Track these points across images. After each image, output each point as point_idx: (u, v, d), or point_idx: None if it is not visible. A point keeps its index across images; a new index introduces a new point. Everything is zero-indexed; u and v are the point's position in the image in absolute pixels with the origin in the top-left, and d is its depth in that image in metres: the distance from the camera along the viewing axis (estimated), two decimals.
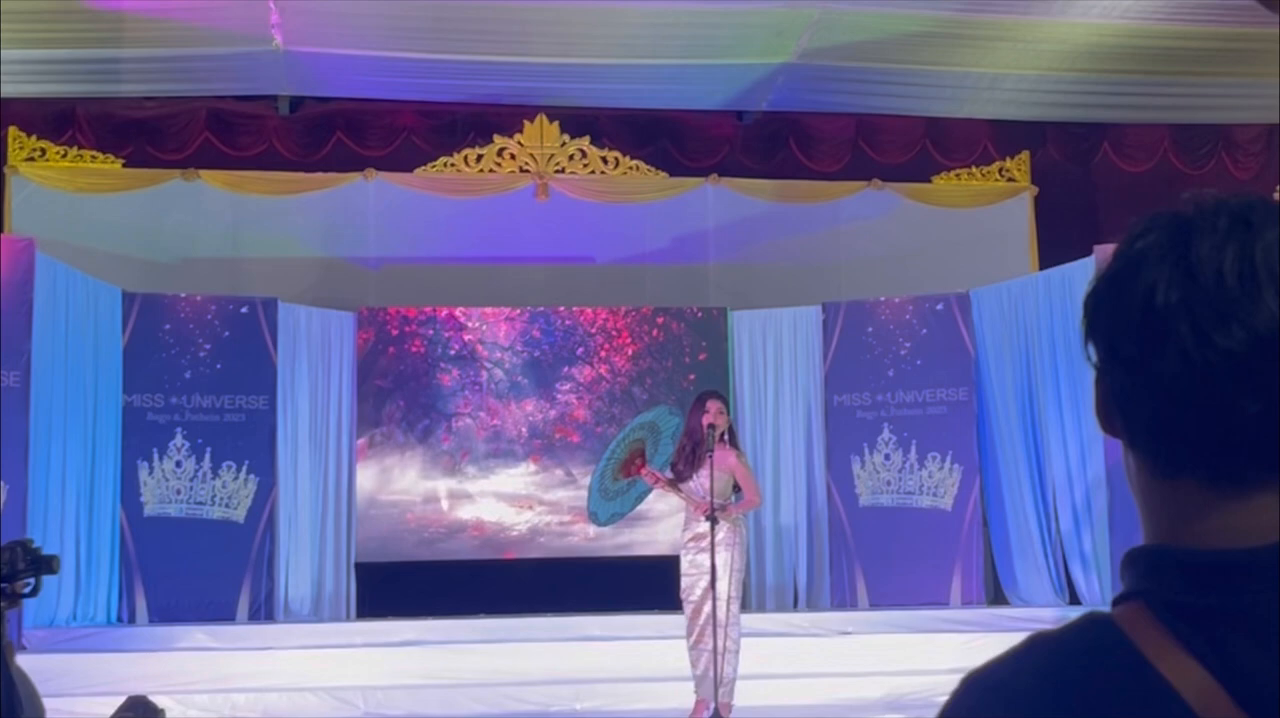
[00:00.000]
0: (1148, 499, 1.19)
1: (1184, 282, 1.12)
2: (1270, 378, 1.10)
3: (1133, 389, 1.16)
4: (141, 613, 11.10)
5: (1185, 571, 1.13)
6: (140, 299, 11.48)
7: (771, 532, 12.34)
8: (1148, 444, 1.17)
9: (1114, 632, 1.14)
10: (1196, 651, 1.10)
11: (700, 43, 12.04)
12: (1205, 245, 1.13)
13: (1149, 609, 1.14)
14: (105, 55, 11.78)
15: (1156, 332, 1.13)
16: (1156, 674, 1.10)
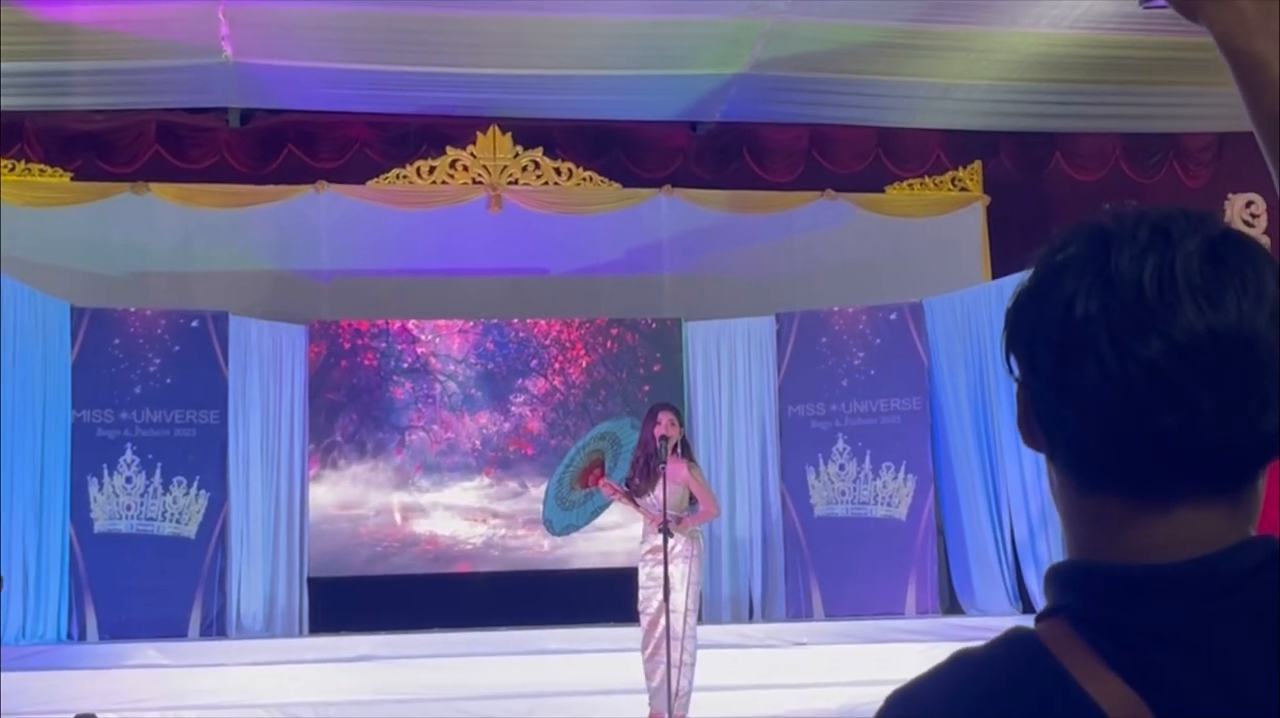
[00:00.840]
0: (1070, 514, 1.18)
1: (1103, 292, 1.11)
2: (1189, 390, 1.08)
3: (1053, 402, 1.14)
4: (92, 630, 10.99)
5: (1107, 586, 1.12)
6: (89, 314, 11.39)
7: (726, 543, 12.32)
8: (1068, 458, 1.16)
9: (1037, 648, 1.13)
10: (1119, 666, 1.09)
11: (653, 53, 12.04)
12: (1124, 257, 1.12)
13: (1072, 625, 1.13)
14: (54, 68, 11.68)
15: (1076, 343, 1.11)
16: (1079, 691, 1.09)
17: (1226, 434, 1.09)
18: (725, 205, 13.45)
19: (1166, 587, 1.10)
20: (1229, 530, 1.12)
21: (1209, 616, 1.09)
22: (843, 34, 11.72)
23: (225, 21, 11.08)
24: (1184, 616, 1.09)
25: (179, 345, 11.55)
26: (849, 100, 12.99)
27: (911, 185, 13.68)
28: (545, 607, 11.52)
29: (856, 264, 13.26)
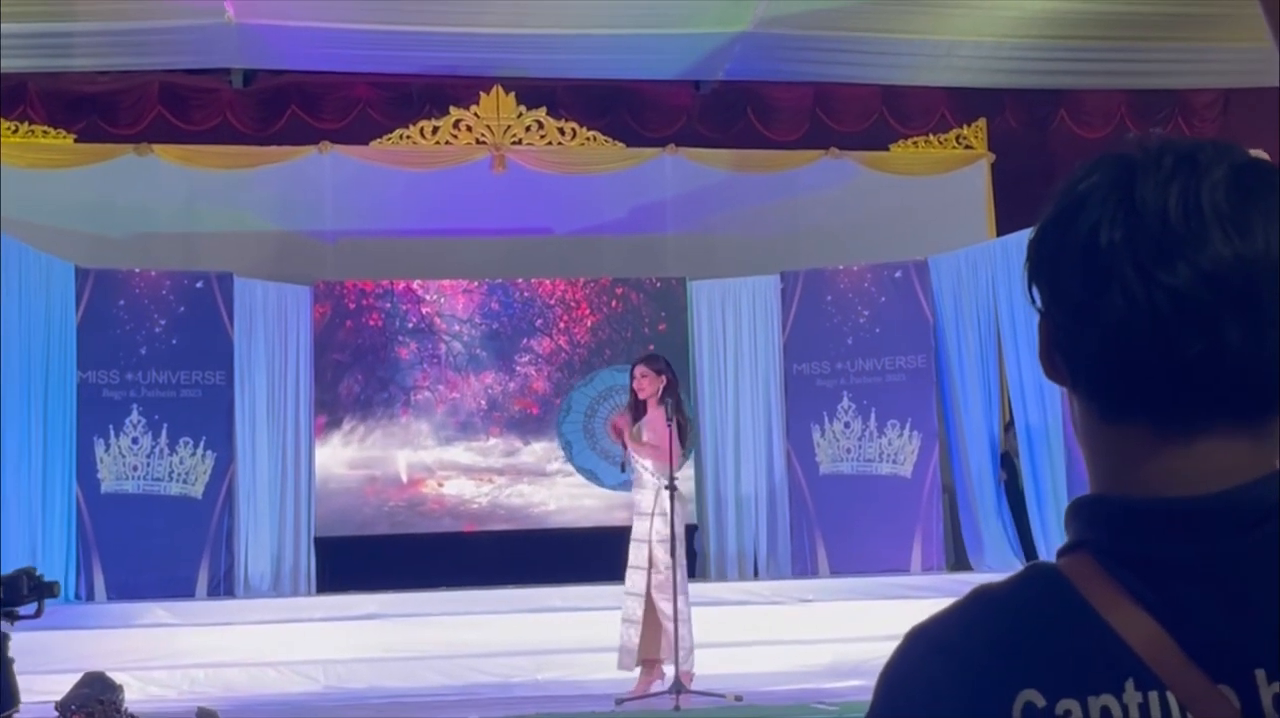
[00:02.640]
0: (1092, 445, 1.17)
1: (1128, 220, 1.11)
2: (1215, 317, 1.08)
3: (1076, 331, 1.14)
4: (100, 590, 11.03)
5: (1131, 519, 1.12)
6: (94, 275, 11.38)
7: (732, 500, 12.35)
8: (1091, 387, 1.15)
9: (1060, 581, 1.13)
10: (1143, 599, 1.09)
11: (657, 12, 11.97)
12: (1149, 184, 1.11)
13: (1095, 559, 1.12)
14: (57, 29, 11.63)
15: (1100, 271, 1.11)
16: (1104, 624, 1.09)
17: (1253, 362, 1.09)
18: (729, 164, 13.42)
19: (1191, 520, 1.09)
20: (1254, 464, 1.11)
21: (1234, 549, 1.08)
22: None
23: None
24: (1208, 549, 1.08)
25: (184, 306, 11.54)
26: (853, 59, 12.92)
27: (916, 143, 13.66)
28: (550, 565, 11.53)
29: (861, 222, 13.24)
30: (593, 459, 11.52)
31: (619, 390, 11.26)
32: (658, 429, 8.14)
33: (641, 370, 8.25)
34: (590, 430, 11.56)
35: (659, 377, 8.21)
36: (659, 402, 8.17)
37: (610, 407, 11.43)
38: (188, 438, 11.38)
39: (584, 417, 11.56)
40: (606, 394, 11.42)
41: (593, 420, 11.58)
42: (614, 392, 11.45)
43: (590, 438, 11.63)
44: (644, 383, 8.17)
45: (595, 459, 11.54)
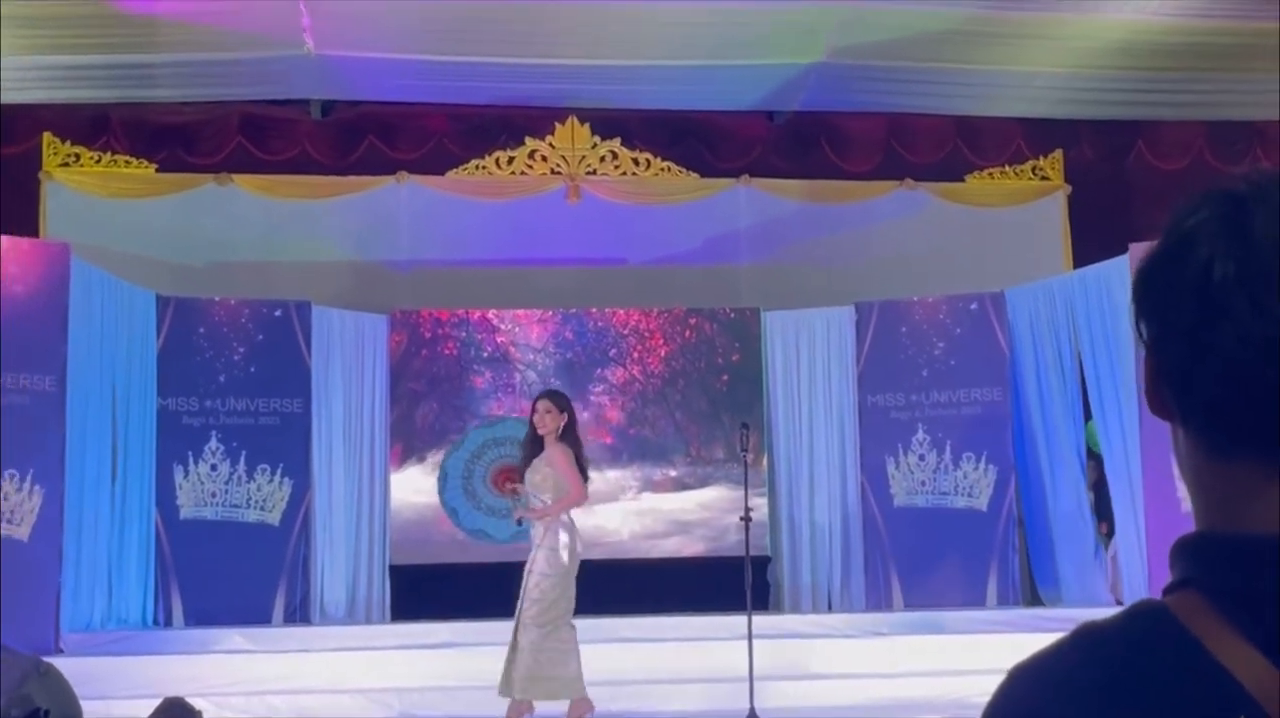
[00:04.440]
0: (1200, 482, 1.17)
1: (1241, 255, 1.10)
2: None
3: (1187, 367, 1.13)
4: (178, 616, 11.14)
5: (1241, 556, 1.11)
6: (174, 303, 11.53)
7: (807, 532, 12.33)
8: (1201, 423, 1.15)
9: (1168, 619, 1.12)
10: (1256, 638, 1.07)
11: (731, 43, 12.02)
12: (1261, 218, 1.10)
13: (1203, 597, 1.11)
14: (139, 60, 11.83)
15: (1213, 307, 1.10)
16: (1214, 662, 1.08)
17: None
18: (803, 195, 13.41)
19: None
20: None
21: None
22: (921, 21, 11.66)
23: (307, 13, 11.17)
24: None
25: (263, 335, 11.67)
26: (928, 89, 12.91)
27: (991, 174, 13.60)
28: (624, 595, 11.52)
29: (936, 254, 13.19)
30: (480, 519, 11.51)
31: (490, 445, 11.27)
32: (558, 466, 7.93)
33: (545, 406, 7.99)
34: (471, 491, 11.55)
35: (561, 414, 7.99)
36: (558, 438, 7.97)
37: (485, 464, 11.36)
38: (265, 465, 11.49)
39: (462, 479, 11.56)
40: (479, 453, 11.40)
41: (471, 481, 11.57)
42: (486, 448, 11.44)
43: (473, 499, 11.60)
44: (546, 419, 7.93)
45: (482, 519, 11.53)
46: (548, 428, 7.82)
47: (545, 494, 7.73)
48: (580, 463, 7.91)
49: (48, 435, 9.82)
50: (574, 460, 7.84)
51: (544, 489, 7.77)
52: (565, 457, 7.81)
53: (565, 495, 7.73)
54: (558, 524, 7.81)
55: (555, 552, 7.78)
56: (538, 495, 7.71)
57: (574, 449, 7.87)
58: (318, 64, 11.99)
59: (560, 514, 7.79)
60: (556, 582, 7.75)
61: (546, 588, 7.73)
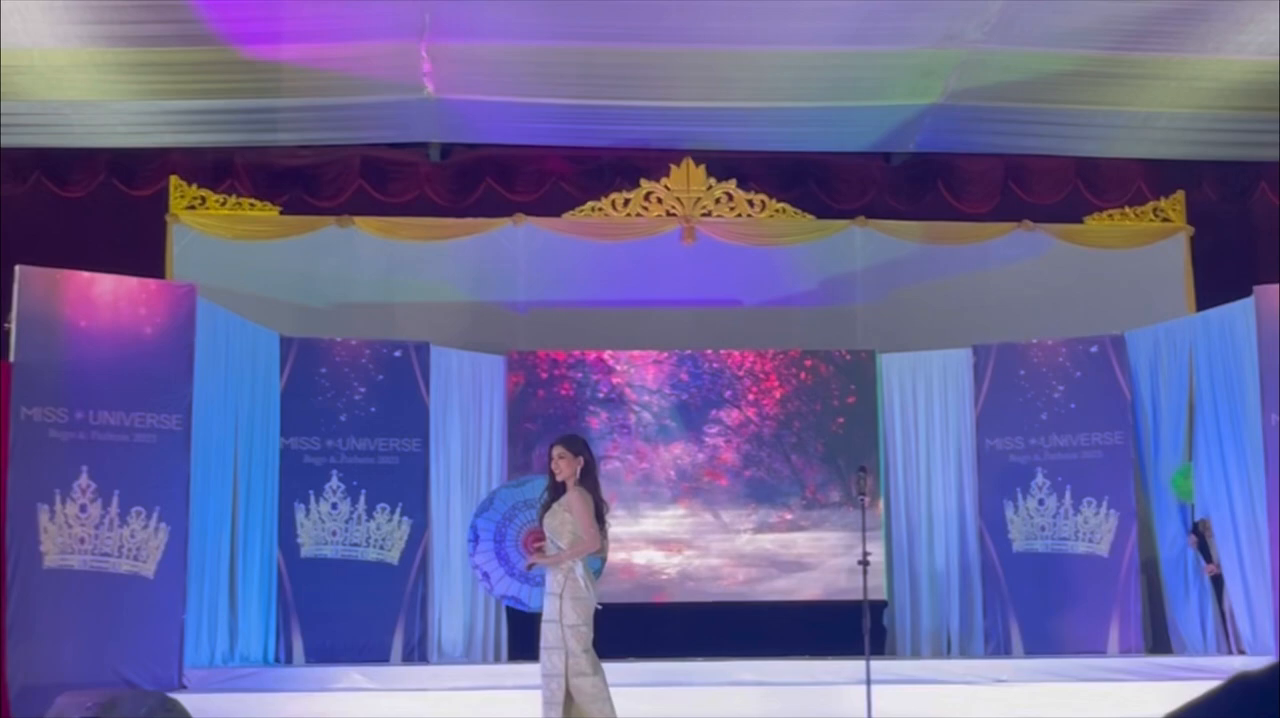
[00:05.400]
0: None
1: None
2: None
3: None
4: (298, 653, 11.26)
5: None
6: (297, 343, 11.69)
7: (926, 577, 12.23)
8: None
9: None
10: None
11: (847, 85, 12.03)
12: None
13: None
14: (263, 105, 12.06)
15: None
16: None
17: None
18: (920, 236, 13.35)
19: None
20: None
21: None
22: (1040, 63, 11.60)
23: (427, 58, 11.33)
24: None
25: (383, 375, 11.80)
26: (1046, 130, 12.85)
27: (1111, 216, 13.45)
28: (740, 638, 11.51)
29: (1055, 296, 13.07)
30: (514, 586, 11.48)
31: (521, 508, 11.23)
32: (575, 512, 7.79)
33: (559, 452, 7.83)
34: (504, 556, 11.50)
35: (576, 458, 7.86)
36: (576, 483, 7.85)
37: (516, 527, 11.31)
38: (385, 504, 11.60)
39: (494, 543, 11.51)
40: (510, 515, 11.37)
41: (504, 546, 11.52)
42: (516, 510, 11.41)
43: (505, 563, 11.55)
44: (561, 464, 7.81)
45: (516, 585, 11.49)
46: (564, 473, 7.71)
47: (562, 540, 7.64)
48: (599, 509, 7.80)
49: (173, 474, 9.97)
50: (592, 507, 7.73)
51: (561, 535, 7.68)
52: (583, 503, 7.69)
53: (579, 543, 7.66)
54: (575, 574, 7.69)
55: (580, 601, 7.65)
56: (555, 541, 7.64)
57: (593, 494, 7.77)
58: (437, 108, 12.16)
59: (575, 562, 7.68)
60: (585, 631, 7.66)
61: (584, 635, 7.63)
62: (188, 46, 10.94)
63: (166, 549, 9.85)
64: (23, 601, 9.27)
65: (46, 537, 9.42)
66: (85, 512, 9.58)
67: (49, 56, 10.91)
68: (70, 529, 9.51)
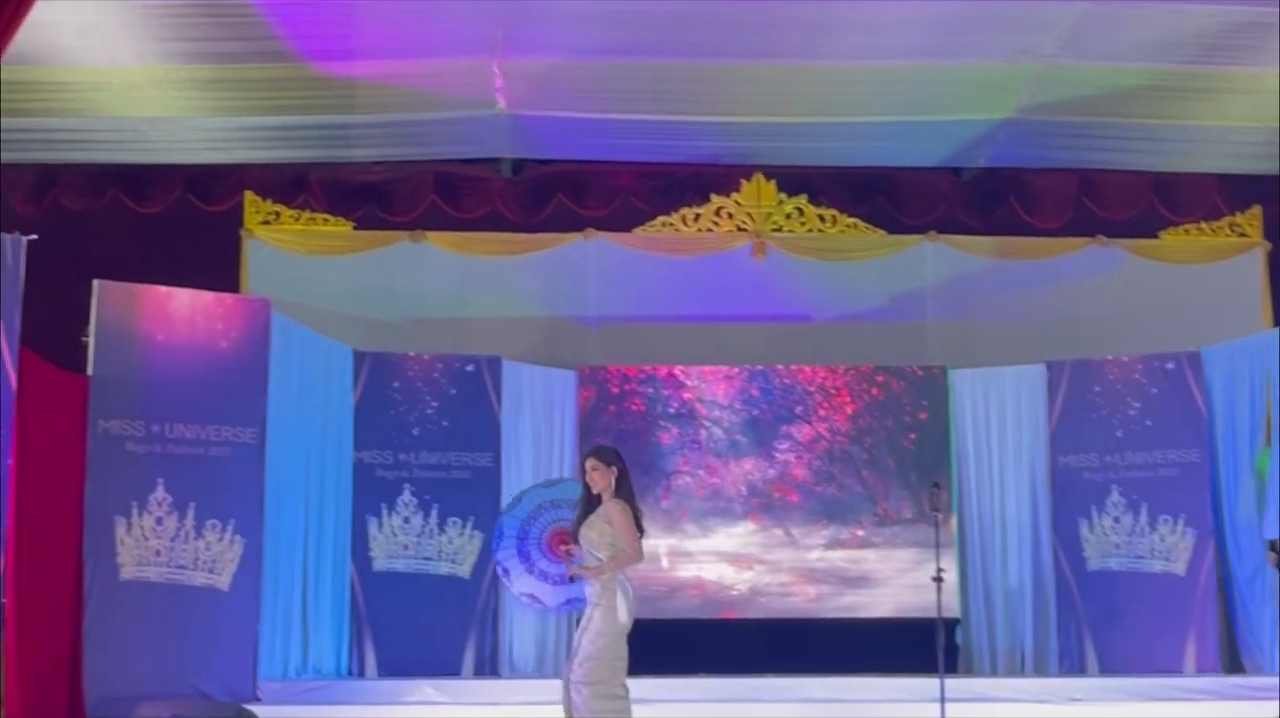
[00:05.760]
0: None
1: None
2: None
3: None
4: (370, 666, 11.31)
5: None
6: (370, 358, 11.78)
7: (1000, 594, 12.15)
8: None
9: None
10: None
11: (919, 99, 11.96)
12: None
13: None
14: (337, 121, 12.13)
15: None
16: None
17: None
18: (992, 252, 13.27)
19: None
20: None
21: None
22: (1114, 77, 11.51)
23: (500, 74, 11.37)
24: None
25: (455, 389, 11.86)
26: (1120, 144, 12.73)
27: (1187, 231, 13.32)
28: (811, 655, 11.48)
29: (1130, 312, 12.95)
30: (531, 583, 11.46)
31: (548, 507, 11.21)
32: (616, 524, 7.70)
33: (592, 463, 7.73)
34: (525, 553, 11.48)
35: (610, 468, 7.77)
36: (613, 495, 7.77)
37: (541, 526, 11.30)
38: (456, 518, 11.64)
39: (517, 540, 11.50)
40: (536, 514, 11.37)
41: (526, 543, 11.50)
42: (543, 509, 11.40)
43: (526, 561, 11.53)
44: (595, 477, 7.73)
45: (534, 582, 11.47)
46: (600, 485, 7.64)
47: (601, 552, 7.56)
48: (637, 520, 7.74)
49: (248, 487, 10.07)
50: (632, 518, 7.68)
51: (600, 547, 7.61)
52: (623, 515, 7.62)
53: (622, 554, 7.60)
54: (615, 583, 7.62)
55: (613, 610, 7.56)
56: (594, 553, 7.56)
57: (630, 505, 7.71)
58: (509, 123, 12.20)
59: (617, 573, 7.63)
60: (611, 641, 7.52)
61: (601, 647, 7.50)
62: (264, 63, 11.02)
63: (241, 562, 9.94)
64: (100, 612, 9.38)
65: (123, 549, 9.53)
66: (161, 524, 9.69)
67: (127, 74, 11.02)
68: (146, 542, 9.62)
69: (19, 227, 9.29)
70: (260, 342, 10.28)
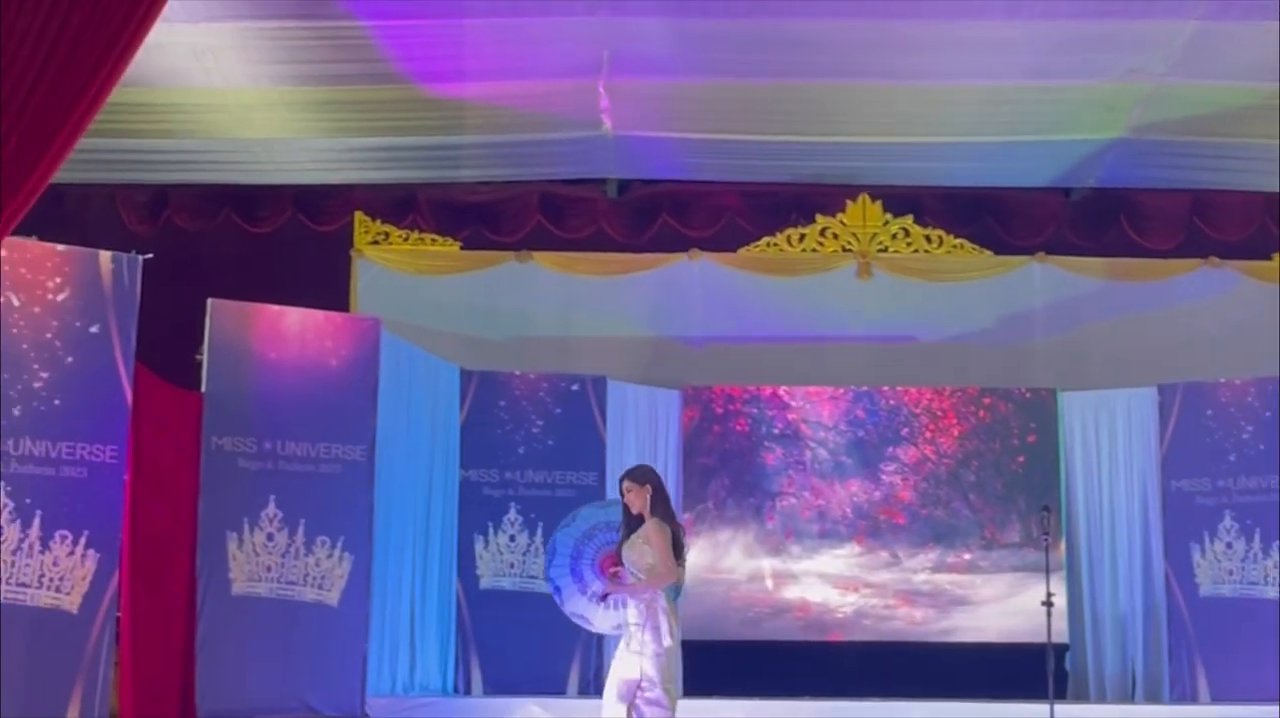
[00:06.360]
0: None
1: None
2: None
3: None
4: (476, 684, 11.37)
5: None
6: (477, 377, 11.86)
7: (1109, 620, 11.99)
8: None
9: None
10: None
11: (1026, 119, 11.89)
12: None
13: None
14: (445, 142, 12.25)
15: None
16: None
17: None
18: (1101, 273, 13.13)
19: None
20: None
21: None
22: (1227, 96, 11.36)
23: (605, 95, 11.42)
24: None
25: (560, 408, 11.91)
26: (1232, 164, 12.57)
27: None
28: (917, 679, 11.38)
29: (1243, 334, 12.73)
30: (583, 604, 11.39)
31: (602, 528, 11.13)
32: (653, 543, 7.62)
33: (626, 485, 7.63)
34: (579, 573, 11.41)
35: (643, 487, 7.70)
36: (651, 513, 7.69)
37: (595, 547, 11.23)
38: None
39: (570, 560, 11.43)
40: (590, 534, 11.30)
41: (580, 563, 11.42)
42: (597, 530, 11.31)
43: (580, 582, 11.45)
44: (631, 497, 7.68)
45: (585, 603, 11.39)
46: (637, 505, 7.62)
47: (642, 572, 7.54)
48: (676, 539, 7.68)
49: (357, 504, 10.15)
50: (669, 538, 7.61)
51: (640, 567, 7.57)
52: (660, 535, 7.55)
53: (656, 574, 7.55)
54: (656, 605, 7.55)
55: (659, 632, 7.54)
56: (635, 573, 7.54)
57: (669, 524, 7.66)
58: (615, 144, 12.26)
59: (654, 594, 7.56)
60: (666, 661, 7.50)
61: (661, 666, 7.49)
62: (374, 85, 11.15)
63: (350, 578, 10.02)
64: (212, 627, 9.49)
65: (235, 564, 9.64)
66: (272, 540, 9.79)
67: (240, 96, 11.19)
68: (257, 557, 9.73)
69: (134, 246, 9.45)
70: (370, 360, 10.37)
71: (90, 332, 8.63)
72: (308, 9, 10.04)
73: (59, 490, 8.40)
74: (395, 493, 10.85)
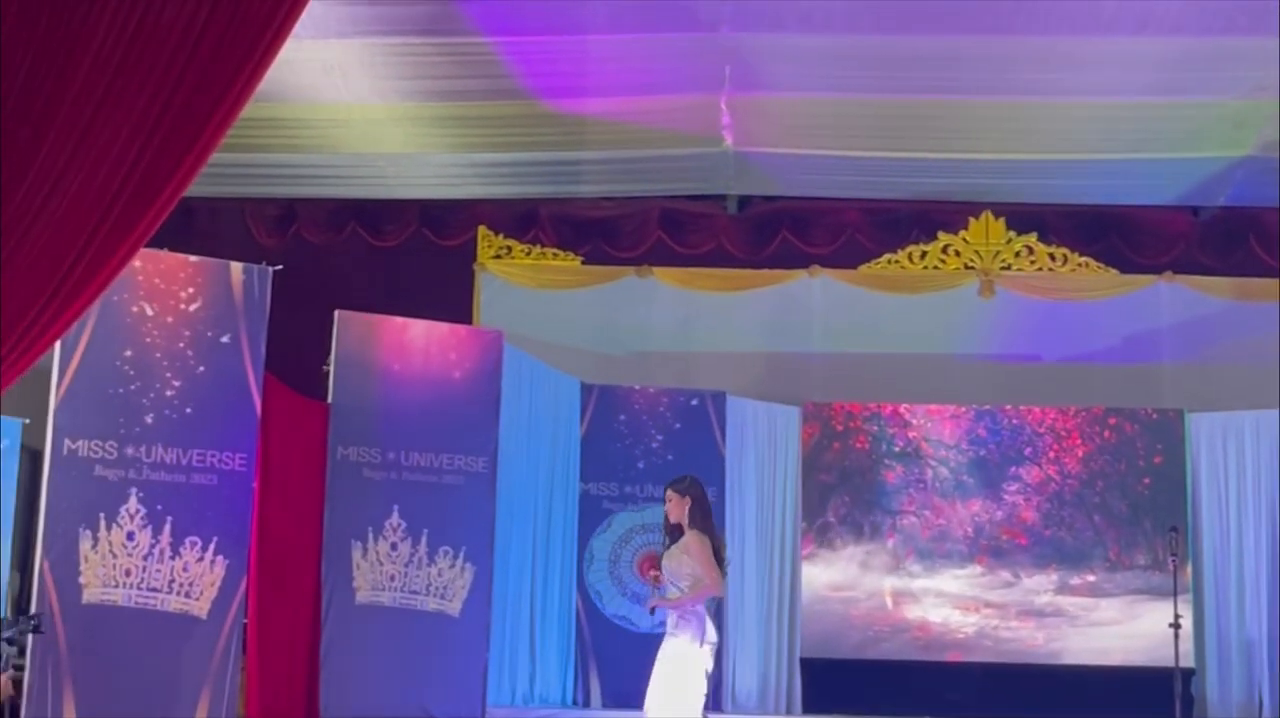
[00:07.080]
0: None
1: None
2: None
3: None
4: (595, 696, 11.40)
5: None
6: (598, 390, 11.93)
7: (1236, 644, 11.79)
8: None
9: None
10: None
11: (1153, 136, 11.71)
12: None
13: None
14: (566, 158, 12.31)
15: None
16: None
17: None
18: (1230, 293, 12.92)
19: None
20: None
21: None
22: None
23: (726, 111, 11.41)
24: None
25: (679, 423, 11.93)
26: None
27: None
28: (1036, 701, 11.25)
29: None
30: (625, 605, 11.25)
31: (638, 531, 10.98)
32: (693, 554, 7.54)
33: (668, 495, 7.61)
34: (617, 576, 11.29)
35: (683, 498, 7.62)
36: (690, 525, 7.61)
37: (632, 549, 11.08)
38: None
39: (609, 563, 11.30)
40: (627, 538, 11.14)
41: (618, 566, 11.29)
42: (633, 533, 11.16)
43: (619, 583, 11.33)
44: (670, 507, 7.64)
45: (626, 605, 11.26)
46: (676, 515, 7.59)
47: (682, 582, 7.49)
48: (716, 550, 7.63)
49: (479, 515, 10.21)
50: (710, 548, 7.57)
51: (680, 577, 7.53)
52: (701, 546, 7.52)
53: (701, 585, 7.51)
54: (692, 614, 7.52)
55: (693, 641, 7.51)
56: (675, 583, 7.50)
57: (709, 535, 7.61)
58: (735, 160, 12.25)
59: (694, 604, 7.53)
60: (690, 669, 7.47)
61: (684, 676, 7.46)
62: (498, 101, 11.23)
63: (471, 589, 10.08)
64: (336, 634, 9.58)
65: (359, 573, 9.73)
66: (395, 550, 9.88)
67: (367, 111, 11.32)
68: (381, 567, 9.82)
69: (263, 258, 9.59)
70: (493, 373, 10.45)
71: (221, 341, 8.79)
72: (434, 25, 10.14)
73: (189, 497, 8.56)
74: (516, 505, 10.93)
